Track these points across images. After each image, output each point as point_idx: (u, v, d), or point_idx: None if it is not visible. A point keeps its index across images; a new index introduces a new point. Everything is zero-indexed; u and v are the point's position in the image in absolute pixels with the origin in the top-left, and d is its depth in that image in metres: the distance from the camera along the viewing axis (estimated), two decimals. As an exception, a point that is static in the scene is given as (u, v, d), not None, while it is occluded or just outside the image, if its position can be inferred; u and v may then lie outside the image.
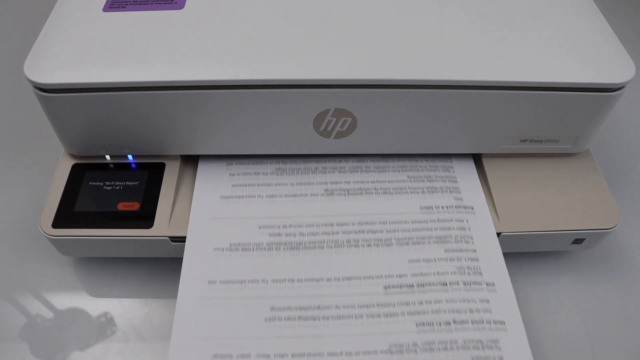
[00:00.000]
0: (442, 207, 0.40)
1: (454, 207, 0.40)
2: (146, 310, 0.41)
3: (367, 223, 0.39)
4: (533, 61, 0.37)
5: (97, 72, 0.35)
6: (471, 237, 0.39)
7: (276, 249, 0.38)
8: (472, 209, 0.40)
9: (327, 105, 0.37)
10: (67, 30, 0.38)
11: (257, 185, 0.41)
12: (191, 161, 0.43)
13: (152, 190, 0.40)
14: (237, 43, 0.37)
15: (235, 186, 0.41)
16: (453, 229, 0.39)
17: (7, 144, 0.51)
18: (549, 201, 0.41)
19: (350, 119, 0.38)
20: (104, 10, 0.39)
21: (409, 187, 0.41)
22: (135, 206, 0.40)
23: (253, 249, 0.38)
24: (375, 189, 0.41)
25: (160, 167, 0.42)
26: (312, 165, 0.43)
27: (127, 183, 0.41)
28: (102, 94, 0.36)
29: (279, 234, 0.39)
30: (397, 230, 0.39)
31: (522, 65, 0.36)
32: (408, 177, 0.42)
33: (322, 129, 0.39)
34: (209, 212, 0.40)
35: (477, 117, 0.39)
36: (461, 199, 0.41)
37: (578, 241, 0.41)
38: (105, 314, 0.40)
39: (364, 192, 0.41)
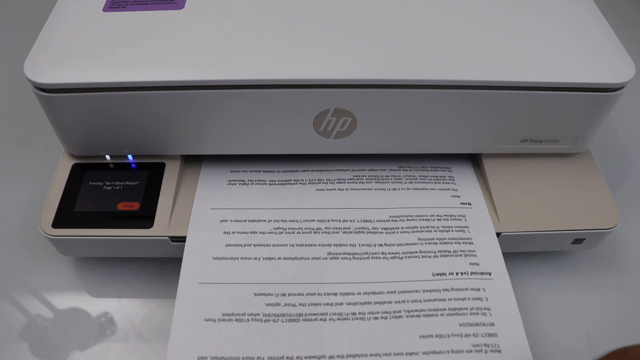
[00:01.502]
0: (457, 274, 0.38)
1: (469, 273, 0.38)
2: (146, 310, 0.41)
3: (374, 293, 0.36)
4: (533, 61, 0.37)
5: (97, 72, 0.35)
6: (488, 309, 0.36)
7: (273, 320, 0.35)
8: (490, 274, 0.38)
9: (327, 105, 0.37)
10: (67, 30, 0.38)
11: (254, 245, 0.39)
12: (191, 161, 0.43)
13: (152, 190, 0.40)
14: (237, 43, 0.37)
15: (229, 246, 0.39)
16: (469, 298, 0.36)
17: (8, 144, 0.51)
18: (549, 201, 0.41)
19: (350, 119, 0.38)
20: (104, 10, 0.39)
21: (420, 251, 0.39)
22: (135, 206, 0.40)
23: (248, 320, 0.35)
24: (383, 253, 0.39)
25: (160, 167, 0.42)
26: (314, 224, 0.40)
27: (127, 183, 0.41)
28: (102, 94, 0.36)
29: (277, 304, 0.36)
30: (407, 301, 0.36)
31: (521, 65, 0.36)
32: (419, 239, 0.39)
33: (322, 129, 0.39)
34: (199, 274, 0.37)
35: (477, 117, 0.39)
36: (477, 264, 0.38)
37: (578, 241, 0.41)
38: (105, 314, 0.40)
39: (370, 256, 0.38)
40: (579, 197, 0.41)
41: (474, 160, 0.44)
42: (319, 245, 0.39)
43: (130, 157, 0.42)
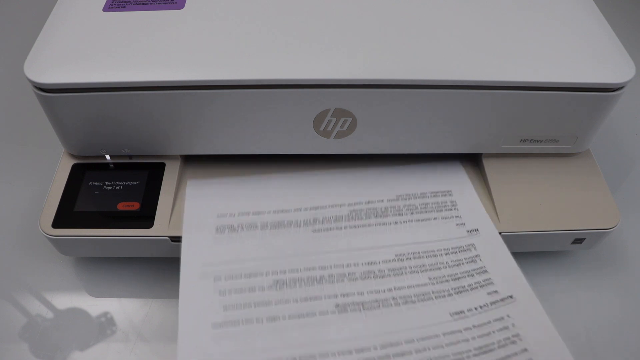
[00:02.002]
0: (476, 309, 0.35)
1: (489, 304, 0.35)
2: (146, 310, 0.41)
3: (391, 345, 0.33)
4: (533, 61, 0.37)
5: (97, 72, 0.35)
6: (517, 335, 0.33)
7: None
8: (512, 297, 0.35)
9: (327, 105, 0.37)
10: (67, 30, 0.38)
11: (254, 305, 0.35)
12: (191, 161, 0.43)
13: (152, 190, 0.40)
14: (237, 43, 0.37)
15: (227, 308, 0.35)
16: (494, 332, 0.34)
17: (7, 144, 0.51)
18: (549, 201, 0.40)
19: (350, 119, 0.38)
20: (104, 10, 0.39)
21: (432, 292, 0.36)
22: (135, 206, 0.40)
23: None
24: (394, 298, 0.35)
25: (160, 167, 0.42)
26: (316, 273, 0.36)
27: (127, 183, 0.41)
28: (102, 94, 0.36)
29: None
30: (429, 349, 0.33)
31: (522, 65, 0.36)
32: (429, 278, 0.36)
33: (322, 129, 0.39)
34: (197, 346, 0.33)
35: (477, 117, 0.39)
36: (496, 291, 0.36)
37: (578, 241, 0.41)
38: (105, 314, 0.40)
39: (381, 304, 0.35)
40: (579, 197, 0.41)
41: (474, 160, 0.44)
42: (325, 297, 0.35)
43: (130, 157, 0.42)
